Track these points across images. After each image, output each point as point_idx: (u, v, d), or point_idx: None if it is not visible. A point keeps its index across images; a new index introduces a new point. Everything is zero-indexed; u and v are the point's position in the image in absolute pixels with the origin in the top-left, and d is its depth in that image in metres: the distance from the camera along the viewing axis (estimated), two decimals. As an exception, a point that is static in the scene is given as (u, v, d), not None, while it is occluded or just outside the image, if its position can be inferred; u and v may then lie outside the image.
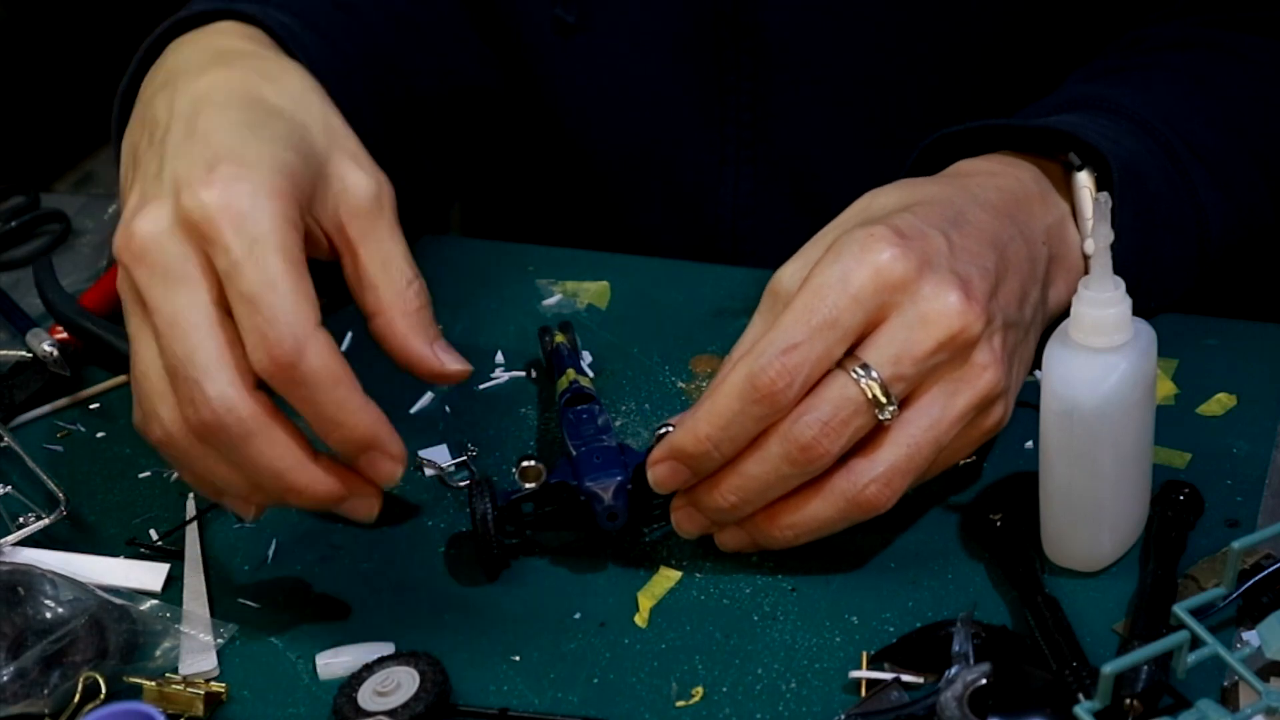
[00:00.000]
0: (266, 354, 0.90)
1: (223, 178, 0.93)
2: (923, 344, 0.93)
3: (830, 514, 0.95)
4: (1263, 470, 1.03)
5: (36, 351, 1.16)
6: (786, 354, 0.92)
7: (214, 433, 0.91)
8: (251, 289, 0.91)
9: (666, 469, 0.95)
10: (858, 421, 0.93)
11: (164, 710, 0.90)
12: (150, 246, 0.93)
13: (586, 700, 0.94)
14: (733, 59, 1.27)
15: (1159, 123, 1.11)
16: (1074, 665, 0.90)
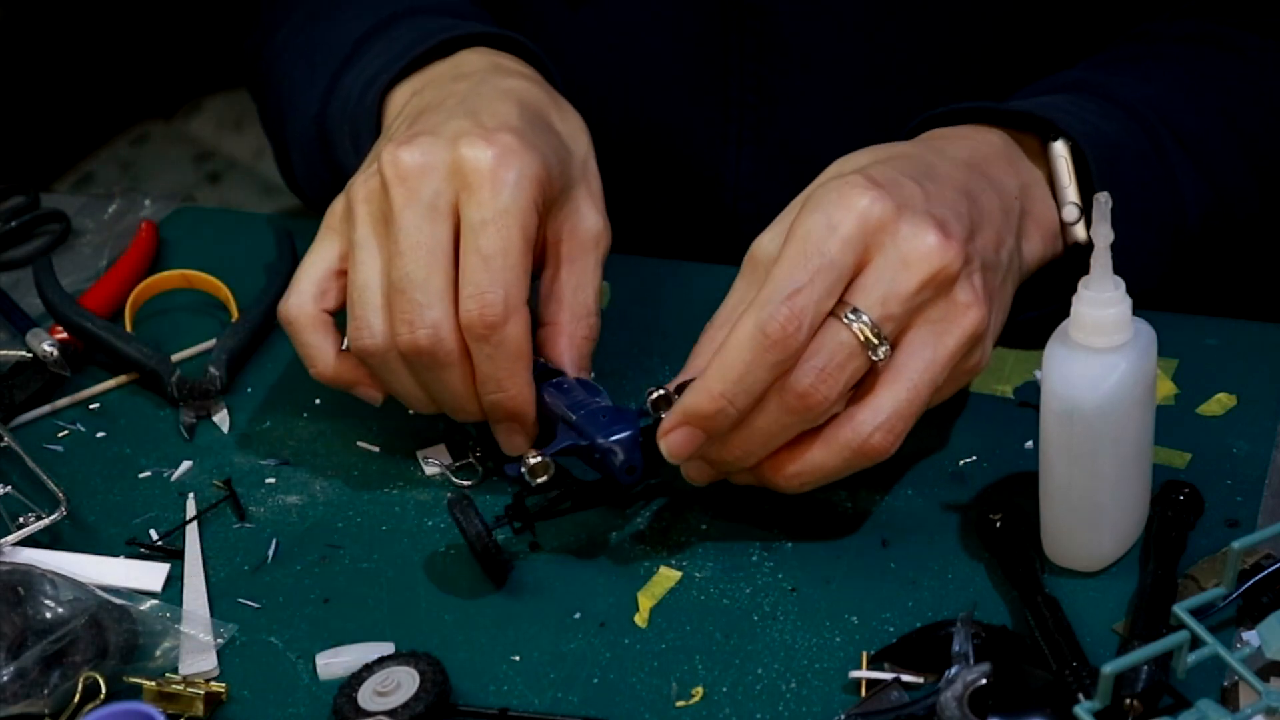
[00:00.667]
0: (479, 308, 1.00)
1: (502, 144, 1.02)
2: (907, 283, 0.95)
3: (835, 463, 0.97)
4: (1263, 470, 1.03)
5: (36, 351, 1.16)
6: (791, 299, 0.94)
7: (419, 354, 1.01)
8: (489, 249, 1.00)
9: (681, 435, 0.97)
10: (853, 365, 0.95)
11: (164, 710, 0.90)
12: (415, 172, 1.02)
13: (586, 700, 0.94)
14: (738, 41, 1.28)
15: (1147, 110, 1.13)
16: (1074, 665, 0.90)
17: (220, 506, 1.07)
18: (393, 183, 1.02)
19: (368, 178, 1.04)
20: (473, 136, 1.02)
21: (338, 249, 1.06)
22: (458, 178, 1.02)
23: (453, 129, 1.04)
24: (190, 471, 1.10)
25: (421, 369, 1.02)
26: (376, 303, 1.02)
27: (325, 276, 1.06)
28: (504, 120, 1.05)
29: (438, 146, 1.03)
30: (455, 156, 1.02)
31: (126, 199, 1.35)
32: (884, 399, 0.96)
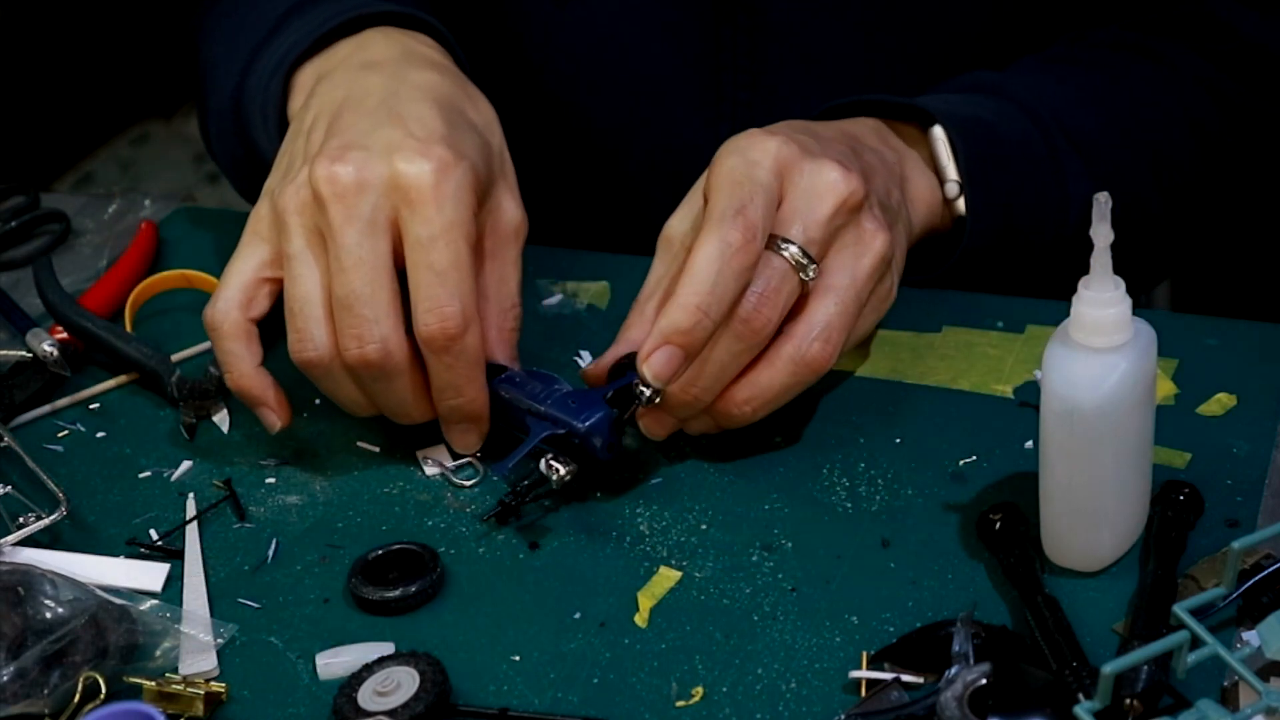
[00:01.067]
0: (439, 322, 1.02)
1: (438, 157, 1.04)
2: (822, 210, 1.03)
3: (782, 379, 1.03)
4: (1263, 470, 1.03)
5: (36, 351, 1.16)
6: (742, 213, 1.01)
7: (369, 368, 1.03)
8: (441, 264, 1.03)
9: (664, 355, 1.00)
10: (788, 286, 1.02)
11: (164, 710, 0.90)
12: (353, 189, 1.04)
13: (586, 700, 0.94)
14: (730, 37, 1.28)
15: (1045, 111, 1.21)
16: (1074, 665, 0.90)
17: (220, 506, 1.07)
18: (330, 200, 1.04)
19: (298, 188, 1.05)
20: (408, 151, 1.04)
21: (265, 256, 1.07)
22: (397, 194, 1.04)
23: (383, 141, 1.05)
24: (190, 471, 1.10)
25: (369, 380, 1.04)
26: (318, 315, 1.04)
27: (252, 283, 1.07)
28: (431, 129, 1.06)
29: (372, 162, 1.04)
30: (393, 173, 1.04)
31: (126, 199, 1.35)
32: (817, 313, 1.03)
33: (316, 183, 1.04)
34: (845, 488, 1.05)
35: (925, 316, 1.17)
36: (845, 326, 1.04)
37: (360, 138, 1.06)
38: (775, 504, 1.04)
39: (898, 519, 1.03)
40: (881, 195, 1.08)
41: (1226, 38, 1.26)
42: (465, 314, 1.03)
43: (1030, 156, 1.20)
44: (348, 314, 1.03)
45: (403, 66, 1.12)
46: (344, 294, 1.03)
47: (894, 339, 1.15)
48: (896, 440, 1.08)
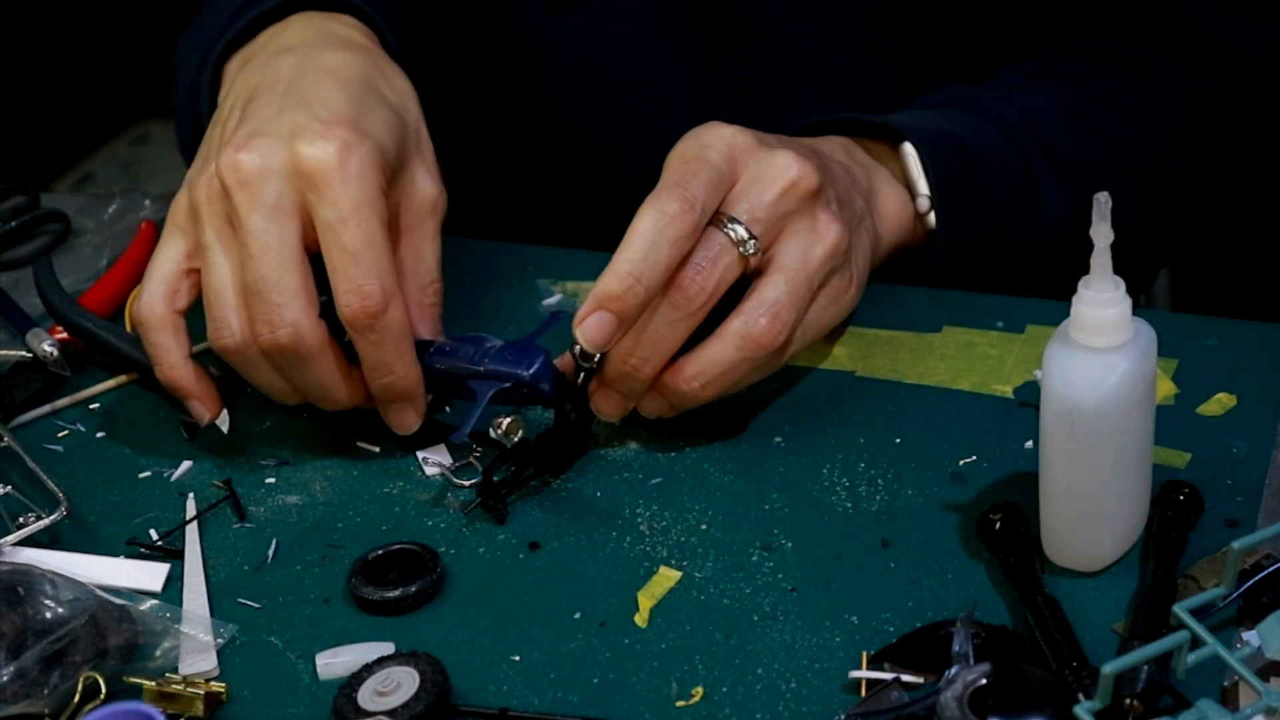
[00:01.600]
0: (359, 301, 1.03)
1: (340, 138, 1.04)
2: (769, 192, 1.04)
3: (729, 354, 1.04)
4: (1263, 470, 1.03)
5: (36, 351, 1.16)
6: (683, 186, 1.02)
7: (282, 352, 1.04)
8: (354, 244, 1.03)
9: (596, 321, 1.02)
10: (725, 259, 1.03)
11: (164, 710, 0.90)
12: (256, 176, 1.04)
13: (586, 700, 0.94)
14: (726, 45, 1.28)
15: (1020, 127, 1.22)
16: (1074, 665, 0.90)
17: (220, 506, 1.07)
18: (234, 188, 1.04)
19: (209, 179, 1.06)
20: (309, 134, 1.05)
21: (184, 247, 1.08)
22: (301, 178, 1.04)
23: (286, 126, 1.06)
24: (190, 471, 1.10)
25: (285, 365, 1.05)
26: (233, 303, 1.05)
27: (175, 276, 1.08)
28: (335, 110, 1.07)
29: (275, 147, 1.05)
30: (295, 156, 1.04)
31: (126, 199, 1.35)
32: (766, 291, 1.04)
33: (222, 172, 1.05)
34: (845, 488, 1.05)
35: (925, 316, 1.17)
36: (794, 306, 1.04)
37: (265, 124, 1.06)
38: (775, 504, 1.04)
39: (898, 519, 1.03)
40: (842, 195, 1.09)
41: (1215, 49, 1.26)
42: (385, 290, 1.03)
43: (1003, 170, 1.21)
44: (257, 299, 1.03)
45: (315, 49, 1.13)
46: (252, 280, 1.03)
47: (894, 339, 1.15)
48: (896, 440, 1.08)
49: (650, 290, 1.01)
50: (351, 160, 1.04)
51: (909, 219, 1.17)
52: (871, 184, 1.15)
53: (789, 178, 1.05)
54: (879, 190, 1.16)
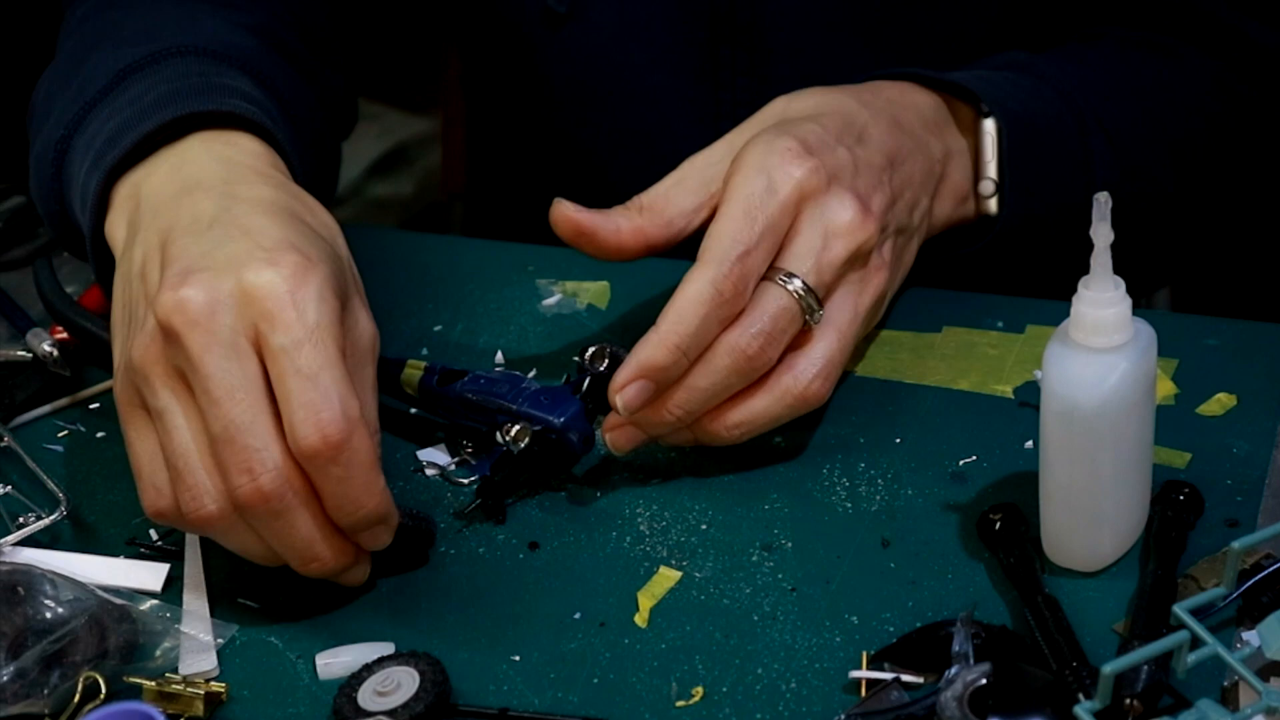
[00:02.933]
0: (318, 431, 0.92)
1: (290, 262, 0.95)
2: (837, 254, 1.03)
3: (778, 410, 1.04)
4: (1263, 470, 1.03)
5: (36, 351, 1.16)
6: (742, 260, 1.00)
7: (266, 501, 0.93)
8: (312, 368, 0.93)
9: (637, 389, 1.01)
10: (793, 328, 1.02)
11: (164, 710, 0.90)
12: (205, 312, 0.94)
13: (586, 700, 0.94)
14: (728, 55, 1.27)
15: (1077, 93, 1.20)
16: (1074, 665, 0.90)
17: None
18: (184, 330, 0.93)
19: (147, 335, 0.95)
20: (256, 262, 0.95)
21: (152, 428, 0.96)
22: (252, 308, 0.94)
23: (226, 257, 0.96)
24: (190, 471, 1.10)
25: (267, 518, 0.94)
26: (205, 465, 0.94)
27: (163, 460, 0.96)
28: (278, 238, 0.97)
29: (220, 279, 0.94)
30: (244, 286, 0.94)
31: (126, 199, 1.34)
32: (818, 349, 1.04)
33: (165, 317, 0.94)
34: (845, 488, 1.05)
35: (925, 316, 1.17)
36: (843, 363, 1.05)
37: (200, 259, 0.96)
38: (775, 504, 1.04)
39: (898, 519, 1.03)
40: (901, 219, 1.09)
41: (1233, 40, 1.26)
42: (347, 415, 0.92)
43: (1063, 145, 1.19)
44: (230, 448, 0.92)
45: (231, 185, 1.02)
46: (222, 428, 0.92)
47: (894, 339, 1.15)
48: (896, 440, 1.08)
49: (692, 360, 1.01)
50: (306, 284, 0.94)
51: (968, 198, 1.17)
52: (945, 168, 1.14)
53: (855, 242, 1.04)
54: (949, 175, 1.15)
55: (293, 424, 0.92)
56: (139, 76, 1.11)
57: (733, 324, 1.01)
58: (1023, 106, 1.17)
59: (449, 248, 1.29)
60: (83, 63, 1.16)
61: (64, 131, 1.12)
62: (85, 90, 1.13)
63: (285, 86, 1.17)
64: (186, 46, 1.13)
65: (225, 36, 1.15)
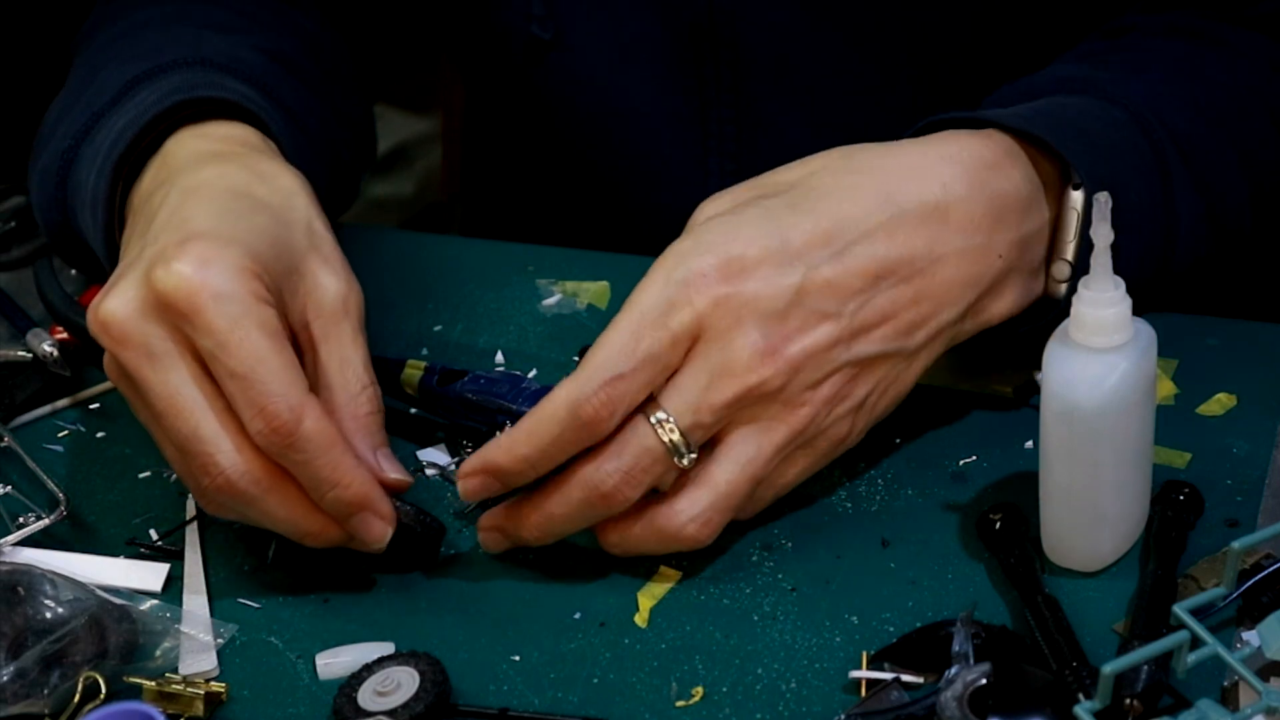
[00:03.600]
0: (265, 424, 0.93)
1: (195, 254, 0.94)
2: (721, 394, 0.94)
3: (652, 543, 0.98)
4: (1263, 470, 1.03)
5: (36, 351, 1.16)
6: (611, 385, 0.93)
7: (235, 495, 0.95)
8: (241, 367, 0.93)
9: (478, 483, 0.97)
10: (657, 470, 0.95)
11: (164, 710, 0.90)
12: (128, 329, 0.95)
13: (586, 700, 0.94)
14: (713, 73, 1.27)
15: (1149, 113, 1.07)
16: (1074, 665, 0.90)
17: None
18: (117, 350, 0.95)
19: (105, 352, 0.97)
20: (161, 262, 0.94)
21: None
22: (167, 312, 0.94)
23: (140, 264, 0.96)
24: (190, 471, 1.10)
25: (243, 506, 0.96)
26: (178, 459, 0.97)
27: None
28: (189, 230, 0.96)
29: (131, 289, 0.95)
30: (153, 293, 0.94)
31: (126, 199, 1.34)
32: (701, 493, 0.96)
33: (96, 335, 0.96)
34: (845, 488, 1.05)
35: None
36: (731, 509, 0.97)
37: (124, 270, 0.97)
38: (775, 504, 1.04)
39: (898, 519, 1.02)
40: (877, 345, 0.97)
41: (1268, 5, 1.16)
42: (290, 402, 0.93)
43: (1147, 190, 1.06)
44: (187, 455, 0.95)
45: (185, 174, 1.02)
46: (176, 440, 0.95)
47: (894, 339, 1.15)
48: (896, 440, 1.08)
49: (541, 473, 0.96)
50: (212, 275, 0.93)
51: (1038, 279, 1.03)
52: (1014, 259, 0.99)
53: (745, 384, 0.94)
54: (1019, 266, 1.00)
55: (244, 420, 0.94)
56: (146, 85, 1.12)
57: (593, 455, 0.95)
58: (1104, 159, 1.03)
59: (449, 248, 1.29)
60: (89, 82, 1.17)
61: (71, 142, 1.13)
62: (93, 103, 1.14)
63: (293, 100, 1.17)
64: (193, 59, 1.13)
65: (232, 52, 1.16)
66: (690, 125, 1.29)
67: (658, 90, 1.29)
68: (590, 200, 1.37)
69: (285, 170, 1.04)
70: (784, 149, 1.26)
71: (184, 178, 1.02)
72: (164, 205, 1.01)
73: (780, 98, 1.27)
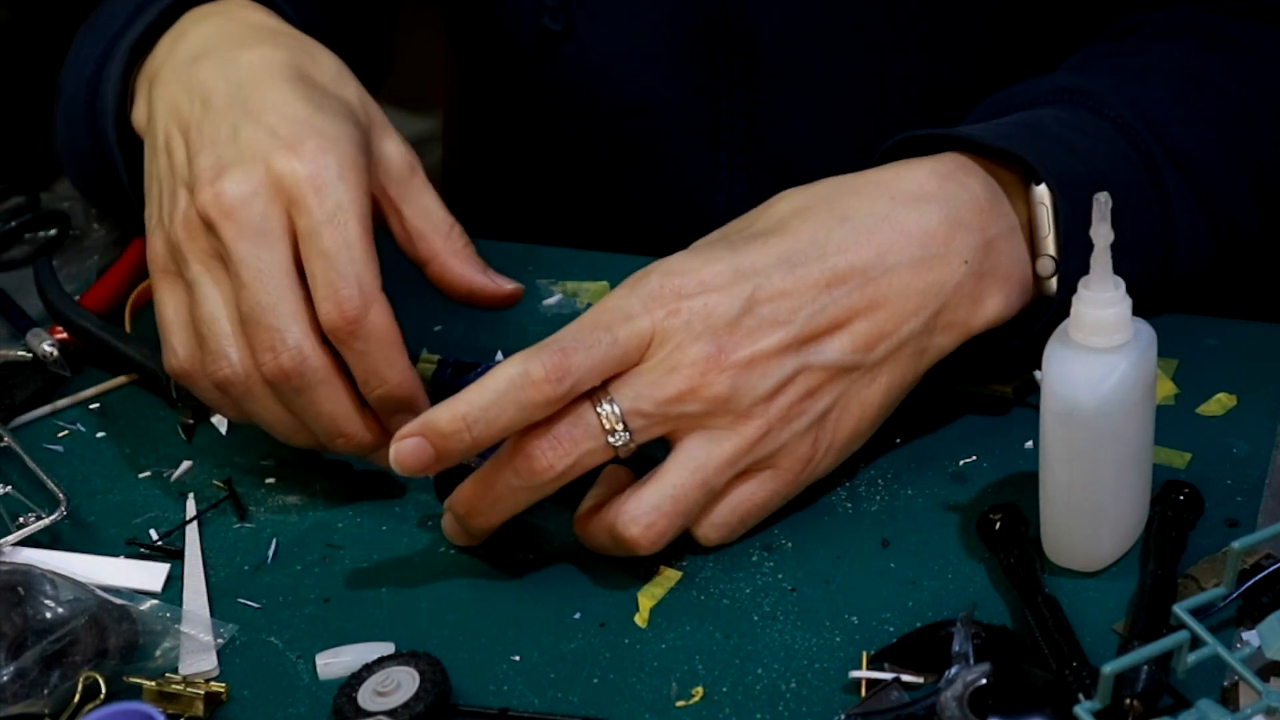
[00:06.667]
0: (336, 308, 0.99)
1: (311, 150, 1.01)
2: (664, 390, 0.96)
3: (600, 540, 0.99)
4: (1263, 470, 1.03)
5: (36, 351, 1.16)
6: (564, 352, 0.95)
7: (288, 378, 1.00)
8: (330, 248, 0.99)
9: (412, 445, 0.96)
10: (587, 444, 0.95)
11: (164, 710, 0.90)
12: (239, 204, 1.00)
13: (586, 700, 0.94)
14: (724, 65, 1.27)
15: (1141, 125, 1.08)
16: (1074, 665, 0.90)
17: (220, 506, 1.07)
18: (219, 221, 1.01)
19: (185, 217, 1.02)
20: (279, 152, 1.01)
21: (182, 292, 1.04)
22: (281, 196, 1.01)
23: (249, 146, 1.02)
24: (190, 471, 1.10)
25: (292, 394, 1.00)
26: (227, 332, 1.01)
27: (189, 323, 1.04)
28: (293, 118, 1.03)
29: (250, 172, 1.01)
30: (271, 176, 1.01)
31: (126, 199, 1.34)
32: (649, 494, 0.97)
33: (203, 208, 1.01)
34: (845, 488, 1.05)
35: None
36: (678, 515, 0.97)
37: (225, 149, 1.03)
38: (775, 504, 1.04)
39: (898, 519, 1.03)
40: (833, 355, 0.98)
41: None
42: (364, 292, 0.99)
43: (1137, 194, 1.06)
44: (257, 328, 0.99)
45: (230, 50, 1.08)
46: (249, 309, 1.00)
47: (894, 339, 1.15)
48: (896, 440, 1.08)
49: (478, 443, 0.95)
50: (326, 167, 1.00)
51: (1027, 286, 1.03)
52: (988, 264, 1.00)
53: (688, 383, 0.96)
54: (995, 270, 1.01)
55: (316, 303, 0.99)
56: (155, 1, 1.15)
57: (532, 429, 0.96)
58: (1081, 161, 1.04)
59: (449, 248, 1.28)
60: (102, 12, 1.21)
61: (94, 67, 1.17)
62: (110, 27, 1.17)
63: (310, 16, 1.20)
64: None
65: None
66: (700, 118, 1.29)
67: (668, 82, 1.29)
68: (593, 197, 1.37)
69: (322, 49, 1.10)
70: (794, 142, 1.26)
71: (234, 54, 1.07)
72: (235, 87, 1.05)
73: (791, 91, 1.27)
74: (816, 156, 1.27)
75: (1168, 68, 1.13)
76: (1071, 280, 0.95)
